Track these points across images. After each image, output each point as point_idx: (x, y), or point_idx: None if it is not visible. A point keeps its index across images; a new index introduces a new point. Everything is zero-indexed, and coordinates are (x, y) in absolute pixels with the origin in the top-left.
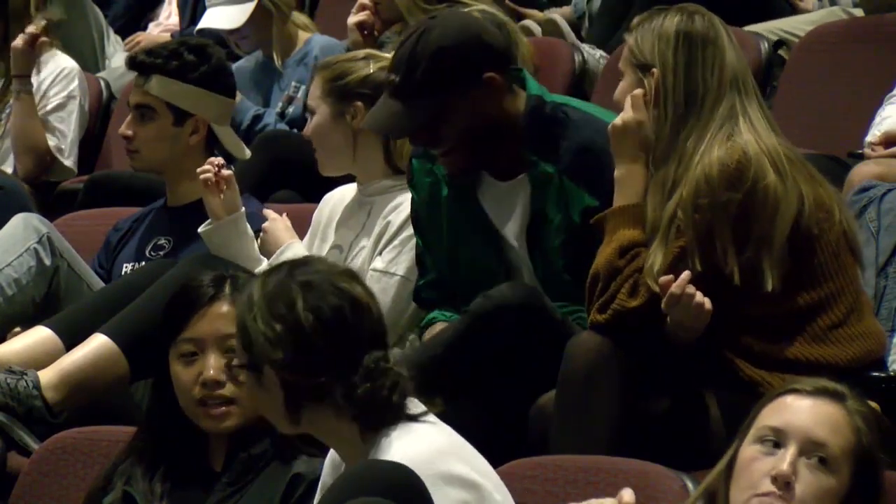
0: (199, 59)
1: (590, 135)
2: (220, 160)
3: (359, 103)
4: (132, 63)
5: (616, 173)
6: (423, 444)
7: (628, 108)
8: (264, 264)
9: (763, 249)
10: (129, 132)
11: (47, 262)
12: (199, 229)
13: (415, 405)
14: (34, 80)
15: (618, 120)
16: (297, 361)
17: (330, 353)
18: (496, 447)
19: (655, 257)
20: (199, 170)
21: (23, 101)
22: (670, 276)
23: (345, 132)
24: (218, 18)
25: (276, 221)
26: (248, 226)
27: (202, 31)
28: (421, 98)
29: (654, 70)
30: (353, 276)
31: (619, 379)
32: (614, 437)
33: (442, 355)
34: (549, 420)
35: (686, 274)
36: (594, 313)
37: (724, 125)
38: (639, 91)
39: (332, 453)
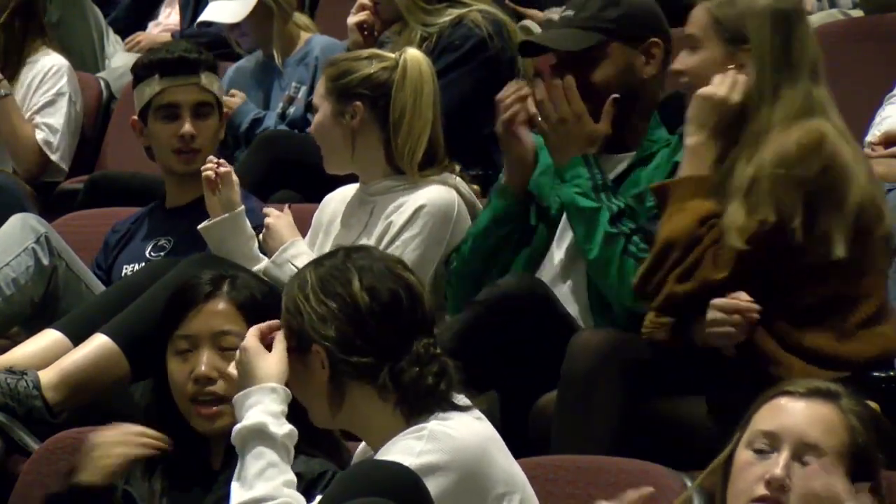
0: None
1: None
2: (221, 160)
3: (358, 103)
4: (178, 63)
5: (689, 142)
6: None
7: (723, 83)
8: (264, 262)
9: (833, 216)
10: (193, 131)
11: (45, 261)
12: (200, 226)
13: (461, 399)
14: (24, 78)
15: (711, 91)
16: (348, 339)
17: (382, 334)
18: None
19: (737, 215)
20: (203, 167)
21: (4, 103)
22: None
23: (343, 131)
24: (219, 12)
25: (281, 218)
26: (248, 223)
27: (203, 23)
28: (589, 30)
29: (748, 47)
30: (407, 266)
31: (620, 379)
32: (615, 438)
33: (450, 346)
34: (550, 421)
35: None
36: (672, 283)
37: (806, 105)
38: (743, 76)
39: (361, 447)
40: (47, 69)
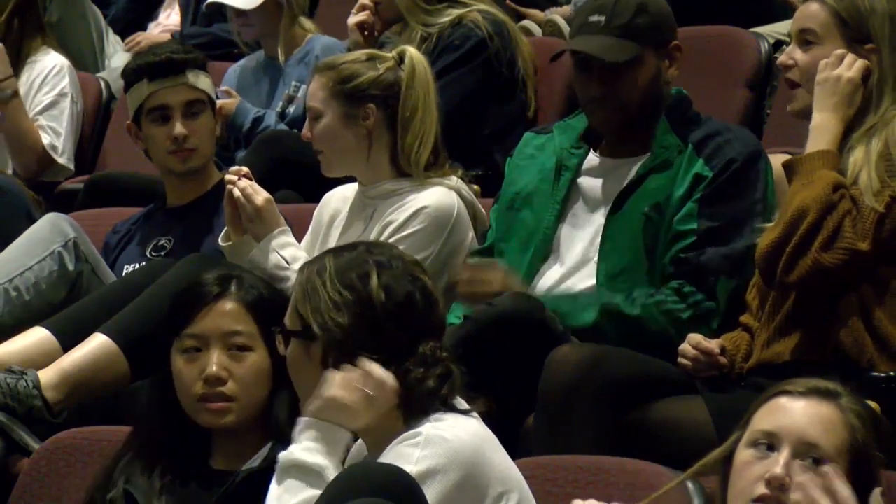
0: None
1: (722, 125)
2: (244, 169)
3: (371, 105)
4: (165, 65)
5: (813, 122)
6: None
7: (834, 64)
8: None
9: None
10: (186, 131)
11: (70, 266)
12: (220, 241)
13: (460, 403)
14: (25, 78)
15: (825, 74)
16: (358, 332)
17: (392, 333)
18: None
19: (871, 180)
20: (226, 178)
21: (11, 102)
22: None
23: (357, 134)
24: None
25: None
26: (275, 256)
27: (211, 4)
28: (626, 39)
29: (871, 46)
30: (424, 270)
31: (599, 395)
32: (595, 453)
33: None
34: None
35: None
36: (817, 252)
37: None
38: (862, 63)
39: (356, 447)
40: (49, 69)
